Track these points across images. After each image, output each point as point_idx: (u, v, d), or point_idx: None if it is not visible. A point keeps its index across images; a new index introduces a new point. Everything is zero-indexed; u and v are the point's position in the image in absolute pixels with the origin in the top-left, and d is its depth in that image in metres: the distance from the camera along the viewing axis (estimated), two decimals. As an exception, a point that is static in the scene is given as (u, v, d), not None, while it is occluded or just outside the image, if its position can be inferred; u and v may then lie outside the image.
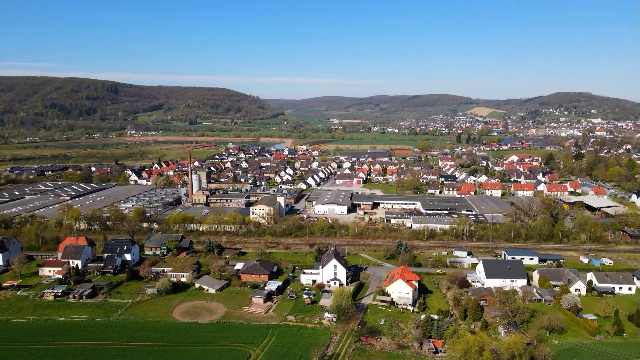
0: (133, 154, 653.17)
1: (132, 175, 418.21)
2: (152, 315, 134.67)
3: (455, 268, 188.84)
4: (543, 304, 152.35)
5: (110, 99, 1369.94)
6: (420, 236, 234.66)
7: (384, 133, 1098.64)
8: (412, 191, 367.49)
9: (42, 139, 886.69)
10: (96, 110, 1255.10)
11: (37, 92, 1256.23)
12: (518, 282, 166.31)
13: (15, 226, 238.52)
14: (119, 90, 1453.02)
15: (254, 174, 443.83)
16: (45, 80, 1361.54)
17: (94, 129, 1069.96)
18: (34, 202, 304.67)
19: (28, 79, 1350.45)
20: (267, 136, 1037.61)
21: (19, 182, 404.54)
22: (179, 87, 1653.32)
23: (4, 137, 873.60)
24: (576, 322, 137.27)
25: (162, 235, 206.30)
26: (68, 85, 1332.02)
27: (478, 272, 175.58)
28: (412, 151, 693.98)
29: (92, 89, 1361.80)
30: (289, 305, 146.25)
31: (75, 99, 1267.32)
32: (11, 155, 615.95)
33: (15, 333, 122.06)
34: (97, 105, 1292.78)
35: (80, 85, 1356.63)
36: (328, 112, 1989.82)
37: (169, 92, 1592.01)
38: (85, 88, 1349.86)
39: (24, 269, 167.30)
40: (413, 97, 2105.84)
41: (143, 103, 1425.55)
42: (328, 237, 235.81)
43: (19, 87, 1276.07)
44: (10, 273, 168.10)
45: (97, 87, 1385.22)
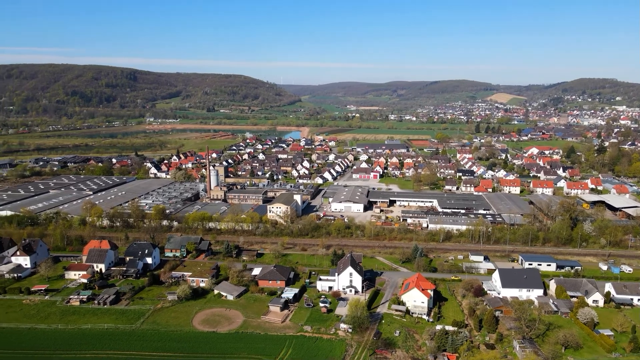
0: (152, 144, 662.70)
1: (151, 168, 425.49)
2: (173, 323, 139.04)
3: (471, 274, 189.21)
4: (559, 316, 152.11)
5: (130, 87, 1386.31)
6: (436, 238, 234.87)
7: (402, 121, 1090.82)
8: (429, 187, 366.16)
9: (64, 127, 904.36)
10: (116, 98, 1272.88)
11: (58, 80, 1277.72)
12: (534, 292, 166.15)
13: (42, 223, 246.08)
14: (138, 78, 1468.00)
15: (271, 167, 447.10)
16: (66, 67, 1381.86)
17: (113, 116, 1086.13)
18: (57, 197, 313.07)
19: (50, 67, 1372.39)
20: (283, 124, 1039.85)
21: (43, 175, 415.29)
22: (196, 74, 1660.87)
23: (28, 126, 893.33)
24: (592, 338, 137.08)
25: (181, 238, 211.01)
26: (88, 72, 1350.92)
27: (494, 281, 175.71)
28: (430, 142, 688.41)
29: (112, 76, 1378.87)
30: (306, 314, 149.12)
31: (95, 86, 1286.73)
32: (35, 145, 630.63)
33: (44, 341, 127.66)
34: (117, 92, 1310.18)
35: (100, 73, 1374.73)
36: (345, 99, 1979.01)
37: (186, 79, 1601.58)
38: (105, 75, 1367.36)
39: (50, 272, 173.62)
40: (431, 83, 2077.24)
41: (161, 90, 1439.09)
42: (344, 237, 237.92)
43: (41, 75, 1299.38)
44: (37, 276, 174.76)
45: (116, 75, 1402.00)
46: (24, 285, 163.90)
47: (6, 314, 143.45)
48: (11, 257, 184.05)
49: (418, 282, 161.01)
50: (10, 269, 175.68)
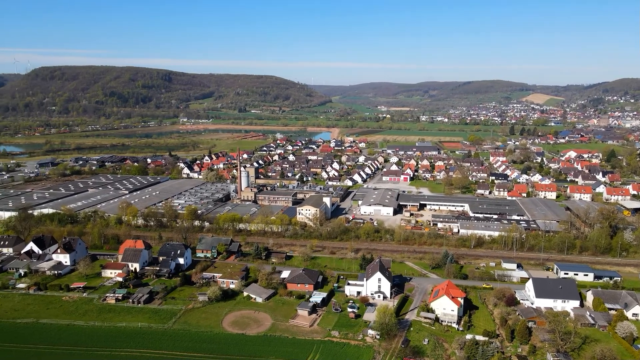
0: (185, 144, 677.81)
1: (184, 169, 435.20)
2: (203, 324, 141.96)
3: (504, 282, 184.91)
4: (596, 329, 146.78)
5: (165, 87, 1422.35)
6: (467, 244, 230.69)
7: (433, 122, 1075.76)
8: (460, 190, 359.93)
9: (103, 127, 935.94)
10: (151, 99, 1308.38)
11: (97, 81, 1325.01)
12: (570, 303, 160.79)
13: (81, 221, 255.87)
14: (173, 79, 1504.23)
15: (300, 168, 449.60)
16: (105, 69, 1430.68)
17: (149, 116, 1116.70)
18: (96, 195, 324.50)
19: (90, 68, 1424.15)
20: (314, 125, 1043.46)
21: (82, 174, 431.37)
22: (229, 75, 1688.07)
23: (69, 125, 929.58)
24: (631, 353, 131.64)
25: (212, 239, 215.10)
26: (126, 74, 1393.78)
27: (527, 290, 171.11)
28: (462, 144, 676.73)
29: (148, 77, 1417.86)
30: (333, 318, 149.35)
31: (132, 87, 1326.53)
32: (75, 145, 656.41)
33: (81, 337, 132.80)
34: (152, 93, 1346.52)
35: (137, 74, 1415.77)
36: (375, 99, 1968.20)
37: (219, 80, 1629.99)
38: (142, 77, 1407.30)
39: (88, 270, 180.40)
40: (464, 84, 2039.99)
41: (195, 91, 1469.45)
42: (373, 241, 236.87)
43: (82, 77, 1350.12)
44: (76, 273, 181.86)
45: (152, 76, 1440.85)
46: (63, 282, 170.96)
47: (47, 310, 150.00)
48: (52, 255, 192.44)
49: (448, 290, 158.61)
50: (51, 266, 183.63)
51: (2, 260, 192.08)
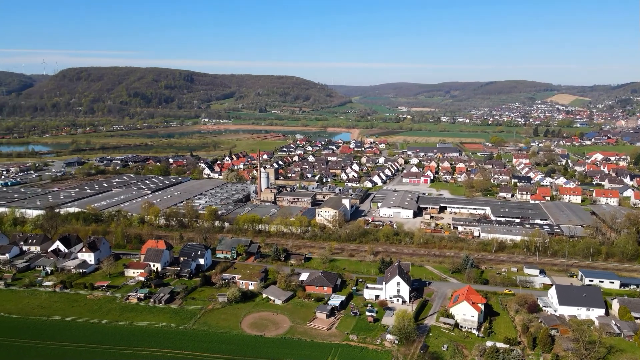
0: (206, 145, 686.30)
1: (205, 169, 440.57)
2: (223, 325, 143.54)
3: (526, 288, 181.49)
4: (622, 339, 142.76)
5: (187, 88, 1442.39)
6: (488, 248, 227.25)
7: (454, 123, 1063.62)
8: (481, 193, 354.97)
9: (126, 127, 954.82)
10: (173, 99, 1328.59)
11: (122, 82, 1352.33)
12: (595, 311, 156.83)
13: (105, 220, 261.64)
14: (195, 79, 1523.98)
15: (320, 169, 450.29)
16: (129, 70, 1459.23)
17: (171, 117, 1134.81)
18: (119, 195, 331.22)
19: (114, 70, 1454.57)
20: (334, 126, 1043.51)
21: (106, 173, 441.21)
22: (250, 76, 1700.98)
23: (94, 125, 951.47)
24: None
25: (232, 240, 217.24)
26: (149, 75, 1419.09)
27: (550, 297, 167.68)
28: (484, 146, 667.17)
29: (170, 78, 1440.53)
30: (352, 322, 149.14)
31: (155, 88, 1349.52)
32: (100, 144, 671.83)
33: (105, 336, 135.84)
34: (175, 94, 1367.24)
35: (160, 75, 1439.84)
36: (396, 100, 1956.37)
37: (240, 81, 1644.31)
38: (164, 77, 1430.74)
39: (111, 269, 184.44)
40: (487, 84, 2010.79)
41: (216, 91, 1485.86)
42: (392, 244, 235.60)
43: (107, 78, 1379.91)
44: (100, 272, 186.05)
45: (174, 77, 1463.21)
46: (88, 280, 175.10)
47: (72, 308, 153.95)
48: (77, 254, 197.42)
49: (468, 295, 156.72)
50: (77, 265, 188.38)
51: (29, 258, 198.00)
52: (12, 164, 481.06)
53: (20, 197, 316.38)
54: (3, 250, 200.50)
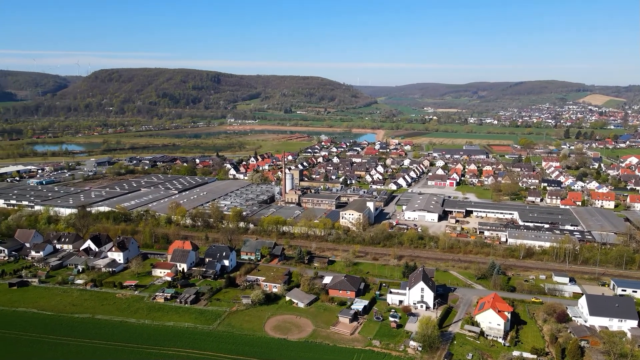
0: (232, 145, 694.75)
1: (230, 170, 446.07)
2: (246, 327, 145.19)
3: (555, 297, 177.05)
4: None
5: (214, 89, 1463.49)
6: (515, 254, 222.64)
7: (482, 125, 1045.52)
8: (509, 197, 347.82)
9: (155, 127, 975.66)
10: (201, 99, 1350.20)
11: (151, 83, 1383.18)
12: (627, 322, 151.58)
13: (134, 220, 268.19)
14: (221, 80, 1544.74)
15: (344, 171, 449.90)
16: (158, 71, 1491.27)
17: (198, 117, 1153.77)
18: (147, 195, 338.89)
19: (144, 71, 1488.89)
20: (359, 127, 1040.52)
21: (135, 173, 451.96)
22: (275, 76, 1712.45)
23: (124, 125, 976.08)
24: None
25: (256, 242, 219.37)
26: (177, 76, 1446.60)
27: (580, 307, 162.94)
28: (512, 148, 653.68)
29: (198, 79, 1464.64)
30: (375, 327, 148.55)
31: (183, 88, 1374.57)
32: (130, 144, 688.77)
33: (133, 334, 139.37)
34: (202, 94, 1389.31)
35: (188, 76, 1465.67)
36: (422, 100, 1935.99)
37: (266, 81, 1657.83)
38: (192, 78, 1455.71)
39: (139, 269, 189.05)
40: (516, 84, 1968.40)
41: (242, 92, 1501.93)
42: (417, 248, 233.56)
43: (137, 79, 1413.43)
44: (129, 272, 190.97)
45: (202, 77, 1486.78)
46: (117, 279, 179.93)
47: (102, 306, 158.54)
48: (107, 253, 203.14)
49: (494, 303, 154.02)
50: (107, 264, 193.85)
51: (62, 256, 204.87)
52: (46, 163, 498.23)
53: (54, 195, 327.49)
54: (37, 248, 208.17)
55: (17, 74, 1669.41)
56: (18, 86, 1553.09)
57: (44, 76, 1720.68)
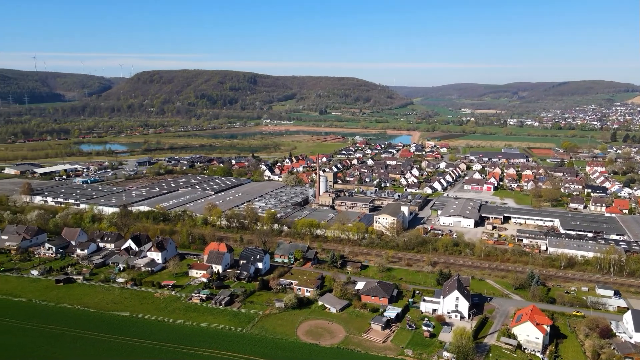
0: (267, 146, 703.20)
1: (265, 171, 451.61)
2: (279, 331, 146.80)
3: (597, 311, 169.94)
4: None
5: (250, 90, 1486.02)
6: (556, 264, 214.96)
7: (522, 127, 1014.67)
8: (550, 203, 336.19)
9: (193, 128, 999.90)
10: (237, 100, 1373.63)
11: (190, 84, 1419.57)
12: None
13: (172, 220, 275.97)
14: (258, 81, 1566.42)
15: (379, 173, 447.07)
16: (197, 73, 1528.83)
17: (234, 117, 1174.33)
18: (185, 195, 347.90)
19: (184, 72, 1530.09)
20: (394, 128, 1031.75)
21: (174, 173, 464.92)
22: (311, 77, 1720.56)
23: (164, 126, 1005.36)
24: None
25: (290, 245, 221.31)
26: (215, 77, 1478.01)
27: (625, 322, 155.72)
28: (554, 151, 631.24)
29: (235, 80, 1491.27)
30: (407, 336, 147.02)
31: (220, 90, 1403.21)
32: (169, 144, 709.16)
33: (170, 334, 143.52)
34: (239, 95, 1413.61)
35: (225, 77, 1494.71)
36: (460, 101, 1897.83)
37: (301, 82, 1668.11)
38: (229, 79, 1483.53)
39: (177, 269, 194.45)
40: (559, 84, 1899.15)
41: (278, 93, 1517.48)
42: (452, 255, 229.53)
43: (177, 80, 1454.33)
44: (166, 271, 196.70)
45: (239, 79, 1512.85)
46: (155, 279, 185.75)
47: (141, 305, 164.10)
48: (147, 252, 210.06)
49: (532, 315, 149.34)
50: (146, 263, 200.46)
51: (105, 254, 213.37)
52: (91, 162, 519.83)
53: (98, 194, 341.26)
54: (82, 247, 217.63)
55: (66, 76, 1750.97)
56: (66, 87, 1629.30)
57: (90, 78, 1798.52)
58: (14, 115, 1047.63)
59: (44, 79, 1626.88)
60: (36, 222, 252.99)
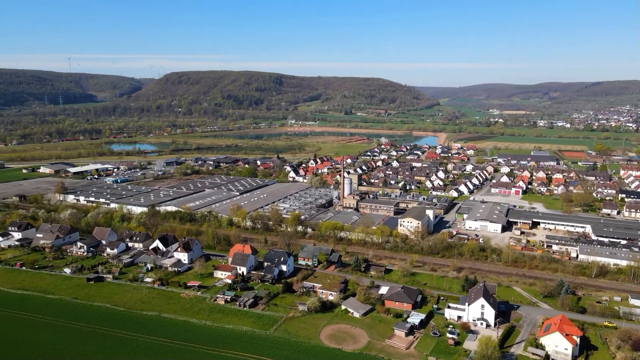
0: (292, 147, 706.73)
1: (290, 172, 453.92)
2: (302, 334, 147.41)
3: (631, 322, 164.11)
4: None
5: (275, 90, 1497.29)
6: (587, 272, 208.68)
7: (552, 128, 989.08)
8: (581, 208, 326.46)
9: (219, 128, 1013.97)
10: (263, 101, 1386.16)
11: (217, 85, 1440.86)
12: None
13: (198, 220, 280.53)
14: (283, 82, 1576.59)
15: (404, 176, 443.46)
16: (224, 74, 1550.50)
17: (260, 118, 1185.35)
18: (211, 196, 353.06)
19: (211, 73, 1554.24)
20: (420, 129, 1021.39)
21: (200, 173, 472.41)
22: (336, 78, 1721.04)
23: (191, 126, 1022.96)
24: None
25: (314, 248, 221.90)
26: (241, 78, 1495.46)
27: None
28: (586, 154, 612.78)
29: (261, 81, 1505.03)
30: (431, 343, 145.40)
31: (246, 90, 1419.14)
32: (196, 144, 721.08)
33: (195, 335, 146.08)
34: (264, 96, 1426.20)
35: (251, 78, 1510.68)
36: (487, 102, 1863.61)
37: (327, 83, 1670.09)
38: (255, 80, 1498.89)
39: (202, 270, 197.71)
40: (592, 85, 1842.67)
41: (303, 93, 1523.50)
42: (478, 260, 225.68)
43: (204, 81, 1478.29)
44: (192, 272, 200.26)
45: (265, 79, 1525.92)
46: (182, 279, 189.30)
47: (167, 305, 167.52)
48: (173, 253, 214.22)
49: (561, 325, 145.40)
50: (173, 263, 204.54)
51: (134, 254, 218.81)
52: (121, 162, 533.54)
53: (128, 194, 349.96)
54: (112, 246, 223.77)
55: (98, 77, 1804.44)
56: (98, 88, 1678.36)
57: (121, 79, 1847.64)
58: (49, 115, 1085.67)
59: (77, 80, 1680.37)
60: (69, 220, 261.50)
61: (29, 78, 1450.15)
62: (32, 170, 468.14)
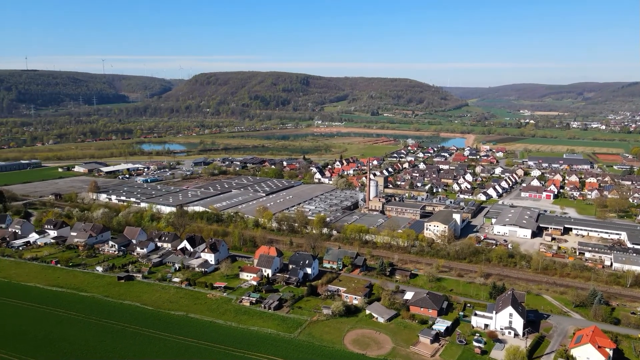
0: (318, 148, 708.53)
1: (316, 173, 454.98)
2: (326, 338, 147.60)
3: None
4: None
5: (302, 91, 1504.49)
6: (622, 282, 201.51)
7: (586, 130, 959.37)
8: (616, 214, 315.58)
9: (246, 129, 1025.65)
10: (290, 102, 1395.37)
11: (244, 86, 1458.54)
12: None
13: (225, 221, 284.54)
14: (310, 82, 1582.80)
15: (431, 178, 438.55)
16: (251, 75, 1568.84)
17: (287, 118, 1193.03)
18: (237, 196, 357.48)
19: (239, 74, 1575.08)
20: (447, 130, 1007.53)
21: (227, 174, 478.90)
22: (363, 78, 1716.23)
23: (219, 127, 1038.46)
24: None
25: (339, 251, 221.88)
26: (268, 79, 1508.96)
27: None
28: (622, 157, 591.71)
29: (288, 81, 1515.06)
30: (457, 351, 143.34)
31: (273, 91, 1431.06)
32: (223, 145, 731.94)
33: (220, 336, 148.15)
34: (291, 96, 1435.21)
35: (278, 79, 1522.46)
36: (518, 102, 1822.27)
37: (353, 83, 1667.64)
38: (282, 81, 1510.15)
39: (228, 271, 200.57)
40: (630, 85, 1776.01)
41: (330, 94, 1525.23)
42: (506, 267, 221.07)
43: (232, 82, 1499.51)
44: (218, 273, 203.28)
45: (292, 80, 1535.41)
46: (208, 280, 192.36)
47: (194, 305, 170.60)
48: (201, 253, 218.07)
49: (594, 337, 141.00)
50: (200, 264, 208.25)
51: (162, 254, 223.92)
52: (151, 161, 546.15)
53: (157, 194, 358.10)
54: (142, 245, 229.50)
55: (130, 78, 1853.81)
56: (130, 89, 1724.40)
57: (151, 80, 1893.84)
58: (84, 115, 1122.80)
59: (110, 81, 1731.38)
60: (101, 219, 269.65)
61: (65, 79, 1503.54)
62: (67, 169, 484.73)
